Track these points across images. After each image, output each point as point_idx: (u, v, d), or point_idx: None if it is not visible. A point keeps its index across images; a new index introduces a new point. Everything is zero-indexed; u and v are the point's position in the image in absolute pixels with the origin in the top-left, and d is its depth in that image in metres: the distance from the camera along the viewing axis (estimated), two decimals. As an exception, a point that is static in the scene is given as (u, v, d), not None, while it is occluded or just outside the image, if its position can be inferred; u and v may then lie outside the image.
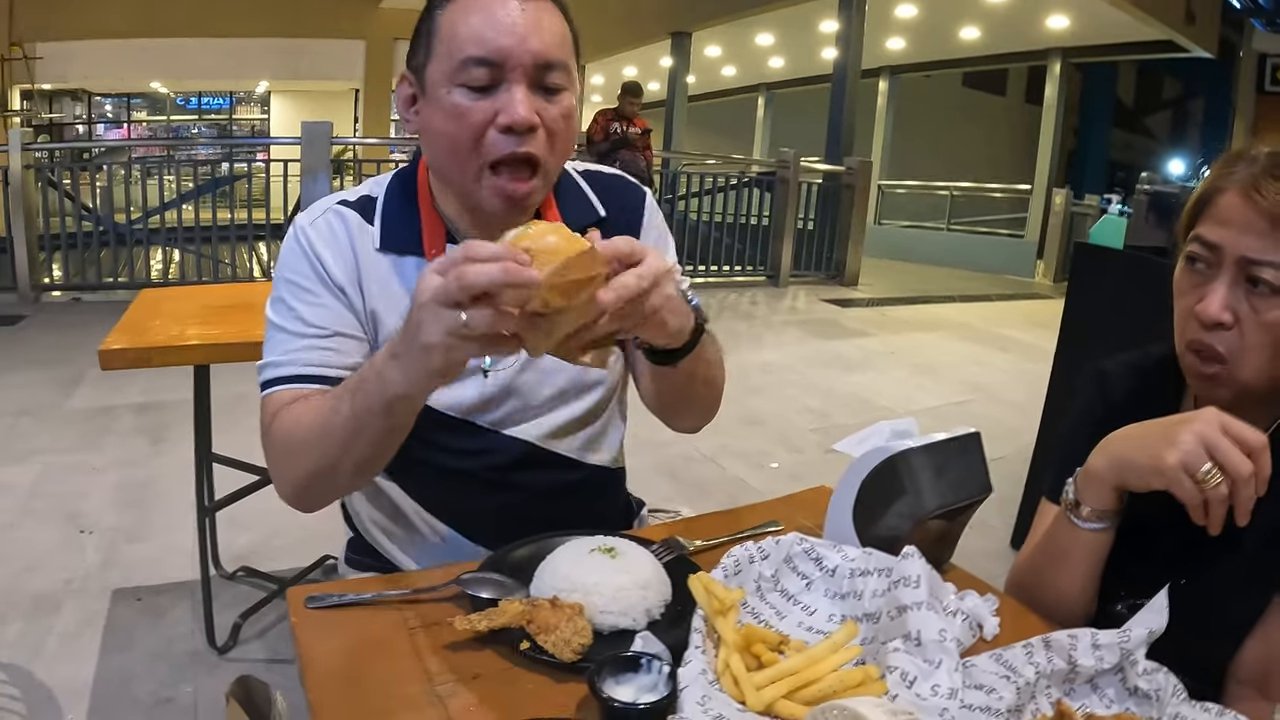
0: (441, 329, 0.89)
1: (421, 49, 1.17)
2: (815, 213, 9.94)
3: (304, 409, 1.15)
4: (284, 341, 1.21)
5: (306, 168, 7.19)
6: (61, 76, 17.73)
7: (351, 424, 1.06)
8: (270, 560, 3.02)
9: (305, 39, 18.96)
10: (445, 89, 1.12)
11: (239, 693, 1.27)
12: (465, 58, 1.10)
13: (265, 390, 1.21)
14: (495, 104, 1.12)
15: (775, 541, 1.08)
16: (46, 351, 5.52)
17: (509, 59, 1.11)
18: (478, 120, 1.12)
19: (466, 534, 1.33)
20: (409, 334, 0.94)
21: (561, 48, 1.15)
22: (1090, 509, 1.08)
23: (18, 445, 4.03)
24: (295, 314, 1.21)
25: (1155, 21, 12.35)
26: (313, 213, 1.27)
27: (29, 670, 2.43)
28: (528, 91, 1.12)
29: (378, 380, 1.01)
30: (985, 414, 5.13)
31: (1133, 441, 1.03)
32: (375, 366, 1.02)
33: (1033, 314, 8.85)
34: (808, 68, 17.00)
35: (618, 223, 1.35)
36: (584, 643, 0.91)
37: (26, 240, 6.83)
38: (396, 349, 0.98)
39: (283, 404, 1.18)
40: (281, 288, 1.23)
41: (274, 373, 1.20)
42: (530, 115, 1.11)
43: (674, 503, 1.71)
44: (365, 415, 1.05)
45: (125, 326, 2.36)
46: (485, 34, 1.10)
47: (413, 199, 1.27)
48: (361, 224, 1.25)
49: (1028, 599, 1.14)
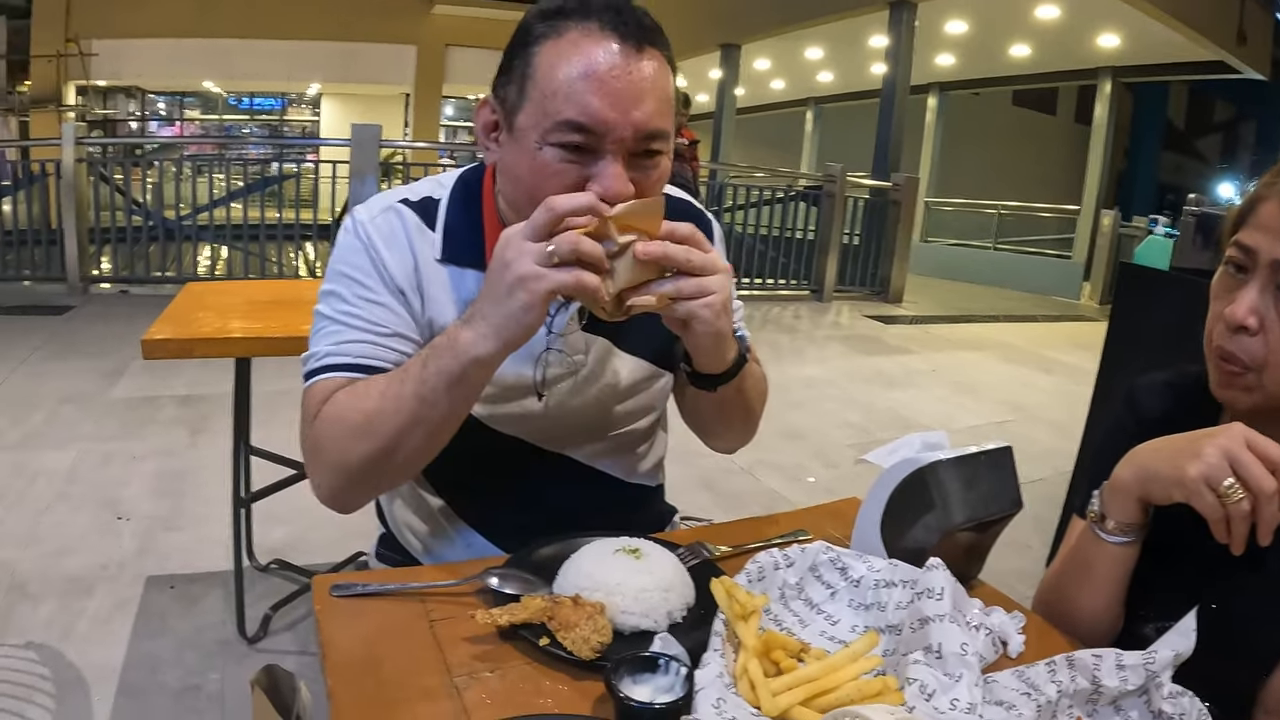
0: (529, 259, 0.96)
1: (514, 85, 1.10)
2: (861, 228, 9.89)
3: (360, 391, 1.12)
4: (335, 333, 1.18)
5: (355, 170, 7.27)
6: (116, 73, 18.10)
7: (415, 402, 1.06)
8: (304, 554, 3.04)
9: (357, 43, 19.19)
10: (537, 143, 1.07)
11: (264, 681, 1.28)
12: (563, 120, 1.05)
13: (311, 379, 1.17)
14: (587, 171, 1.06)
15: (801, 549, 1.07)
16: (93, 342, 5.63)
17: (610, 131, 1.05)
18: (569, 182, 1.06)
19: (503, 547, 1.30)
20: (495, 299, 0.99)
21: (663, 115, 1.09)
22: (1115, 522, 1.06)
23: (60, 432, 4.10)
24: (350, 309, 1.18)
25: (1207, 41, 12.19)
26: (371, 208, 1.23)
27: (59, 651, 2.47)
28: (624, 163, 1.07)
29: (450, 347, 1.03)
30: (1025, 434, 5.07)
31: (1157, 453, 1.02)
32: (447, 336, 1.05)
33: (1077, 336, 8.74)
34: (857, 83, 16.91)
35: None
36: (603, 641, 0.91)
37: (77, 232, 6.96)
38: (474, 313, 1.02)
39: (331, 390, 1.15)
40: (337, 281, 1.20)
41: (322, 362, 1.17)
42: (625, 190, 1.06)
43: (709, 513, 1.70)
44: (436, 383, 1.05)
45: (169, 318, 2.39)
46: (589, 100, 1.04)
47: (476, 207, 1.24)
48: (421, 228, 1.22)
49: (1052, 614, 1.12)
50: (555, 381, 1.26)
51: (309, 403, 1.17)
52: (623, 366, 1.31)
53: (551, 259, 0.96)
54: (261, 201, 8.19)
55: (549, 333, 1.24)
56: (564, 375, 1.27)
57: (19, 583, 2.79)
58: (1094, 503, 1.09)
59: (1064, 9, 12.00)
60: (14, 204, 7.51)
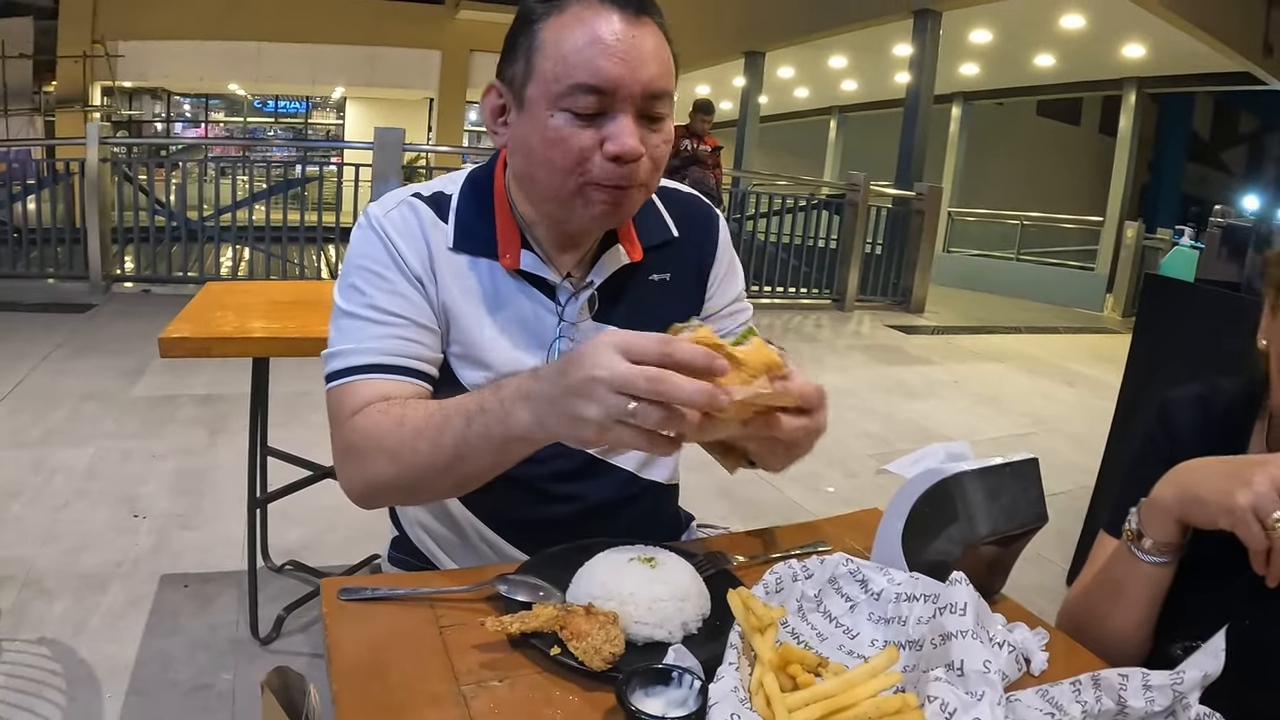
0: (604, 411, 0.87)
1: (519, 63, 1.14)
2: (884, 238, 9.83)
3: (403, 412, 1.10)
4: (358, 328, 1.18)
5: (378, 173, 7.30)
6: (142, 75, 18.26)
7: (459, 448, 1.03)
8: (319, 556, 3.04)
9: (382, 47, 19.32)
10: (548, 111, 1.10)
11: (274, 683, 1.26)
12: (574, 84, 1.08)
13: (339, 380, 1.17)
14: (601, 132, 1.10)
15: (820, 561, 1.05)
16: (114, 340, 5.66)
17: (619, 89, 1.09)
18: (582, 146, 1.10)
19: (514, 542, 1.32)
20: (560, 394, 0.91)
21: (667, 76, 1.13)
22: (1152, 541, 1.03)
23: (80, 429, 4.12)
24: (370, 301, 1.18)
25: (1233, 53, 12.06)
26: (385, 204, 1.25)
27: (72, 647, 2.47)
28: (634, 121, 1.11)
29: (501, 414, 0.98)
30: (1047, 447, 5.02)
31: (1203, 476, 0.99)
32: (501, 398, 0.99)
33: (1100, 348, 8.67)
34: (880, 91, 16.86)
35: (690, 244, 1.35)
36: (615, 652, 0.88)
37: (100, 231, 7.03)
38: (534, 392, 0.95)
39: (368, 398, 1.14)
40: (354, 275, 1.21)
41: (349, 361, 1.17)
42: (638, 146, 1.10)
43: (727, 522, 1.68)
44: (478, 443, 1.01)
45: (188, 316, 2.38)
46: (596, 61, 1.07)
47: (487, 202, 1.26)
48: (434, 220, 1.23)
49: (1080, 633, 1.10)
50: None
51: (340, 404, 1.16)
52: None
53: (629, 419, 0.86)
54: (284, 203, 8.22)
55: (560, 321, 1.25)
56: None
57: (35, 578, 2.80)
58: (1131, 520, 1.06)
59: (1089, 19, 11.92)
60: (38, 202, 7.56)
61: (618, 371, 0.85)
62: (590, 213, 1.15)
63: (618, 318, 1.27)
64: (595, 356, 0.87)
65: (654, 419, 0.85)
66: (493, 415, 0.99)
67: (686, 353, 0.85)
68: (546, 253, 1.25)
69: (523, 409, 0.96)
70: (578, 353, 0.89)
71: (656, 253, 1.31)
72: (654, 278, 1.31)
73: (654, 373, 0.84)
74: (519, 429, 0.97)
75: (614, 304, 1.28)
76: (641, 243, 1.30)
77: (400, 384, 1.17)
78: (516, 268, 1.23)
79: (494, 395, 1.00)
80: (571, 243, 1.26)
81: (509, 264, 1.22)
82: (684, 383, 0.84)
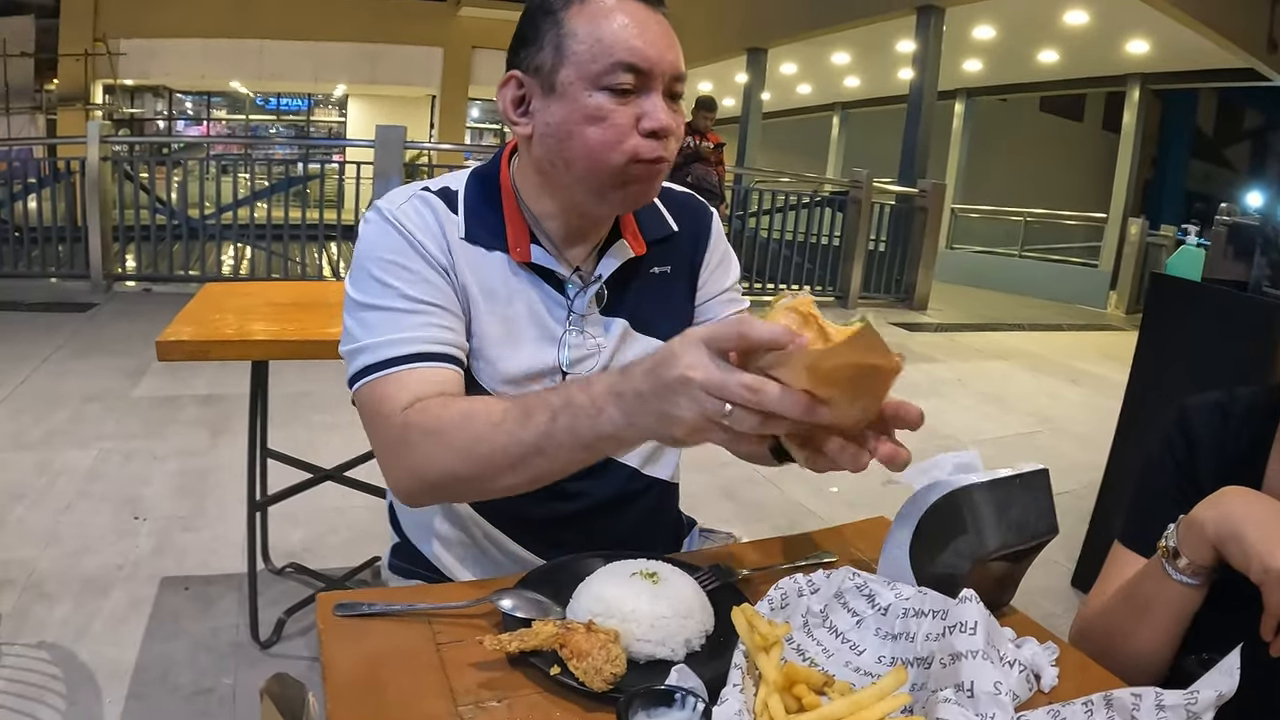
0: (698, 411, 0.85)
1: (545, 51, 1.17)
2: (887, 234, 9.80)
3: (470, 406, 1.08)
4: (390, 320, 1.16)
5: (380, 171, 7.29)
6: (144, 73, 18.25)
7: (541, 442, 0.99)
8: (321, 558, 3.03)
9: (384, 44, 19.30)
10: (586, 91, 1.14)
11: (274, 690, 1.25)
12: (615, 62, 1.13)
13: (376, 373, 1.15)
14: (636, 109, 1.15)
15: (826, 575, 1.03)
16: (116, 340, 5.65)
17: (654, 68, 1.15)
18: (622, 122, 1.15)
19: (520, 540, 1.32)
20: (652, 392, 0.89)
21: (682, 60, 1.20)
22: (1189, 562, 1.01)
23: (82, 430, 4.11)
24: (397, 291, 1.17)
25: (1237, 49, 12.01)
26: (395, 199, 1.24)
27: (72, 651, 2.46)
28: (664, 100, 1.17)
29: (592, 411, 0.95)
30: (1052, 447, 5.00)
31: (1255, 515, 0.96)
32: (592, 395, 0.95)
33: (1105, 346, 8.63)
34: (883, 88, 16.81)
35: (687, 238, 1.38)
36: (617, 672, 0.87)
37: (101, 230, 7.02)
38: (625, 390, 0.92)
39: (418, 390, 1.12)
40: (375, 268, 1.19)
41: (387, 353, 1.14)
42: (671, 121, 1.17)
43: (730, 524, 1.67)
44: (564, 438, 0.98)
45: (186, 318, 2.36)
46: (635, 42, 1.14)
47: (494, 199, 1.27)
48: (447, 212, 1.24)
49: (1098, 650, 1.07)
50: (576, 363, 1.27)
51: (383, 397, 1.14)
52: (640, 347, 1.33)
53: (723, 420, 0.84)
54: (286, 202, 8.21)
55: (569, 314, 1.27)
56: (585, 357, 1.28)
57: (36, 581, 2.79)
58: (1169, 537, 1.03)
59: (1093, 15, 11.87)
60: (39, 201, 7.56)
61: (712, 375, 0.83)
62: (626, 191, 1.19)
63: (624, 310, 1.31)
64: (686, 355, 0.85)
65: (749, 424, 0.83)
66: (582, 411, 0.96)
67: (762, 332, 0.82)
68: (555, 247, 1.26)
69: (614, 406, 0.93)
70: (669, 350, 0.88)
71: (657, 246, 1.34)
72: (655, 270, 1.34)
73: (750, 380, 0.82)
74: (609, 427, 0.94)
75: (620, 297, 1.30)
76: (644, 237, 1.33)
77: (446, 372, 1.16)
78: (528, 260, 1.24)
79: (583, 391, 0.97)
80: (581, 236, 1.28)
81: (519, 256, 1.23)
82: (779, 395, 0.81)
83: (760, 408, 0.81)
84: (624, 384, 0.93)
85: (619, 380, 0.94)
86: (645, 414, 0.90)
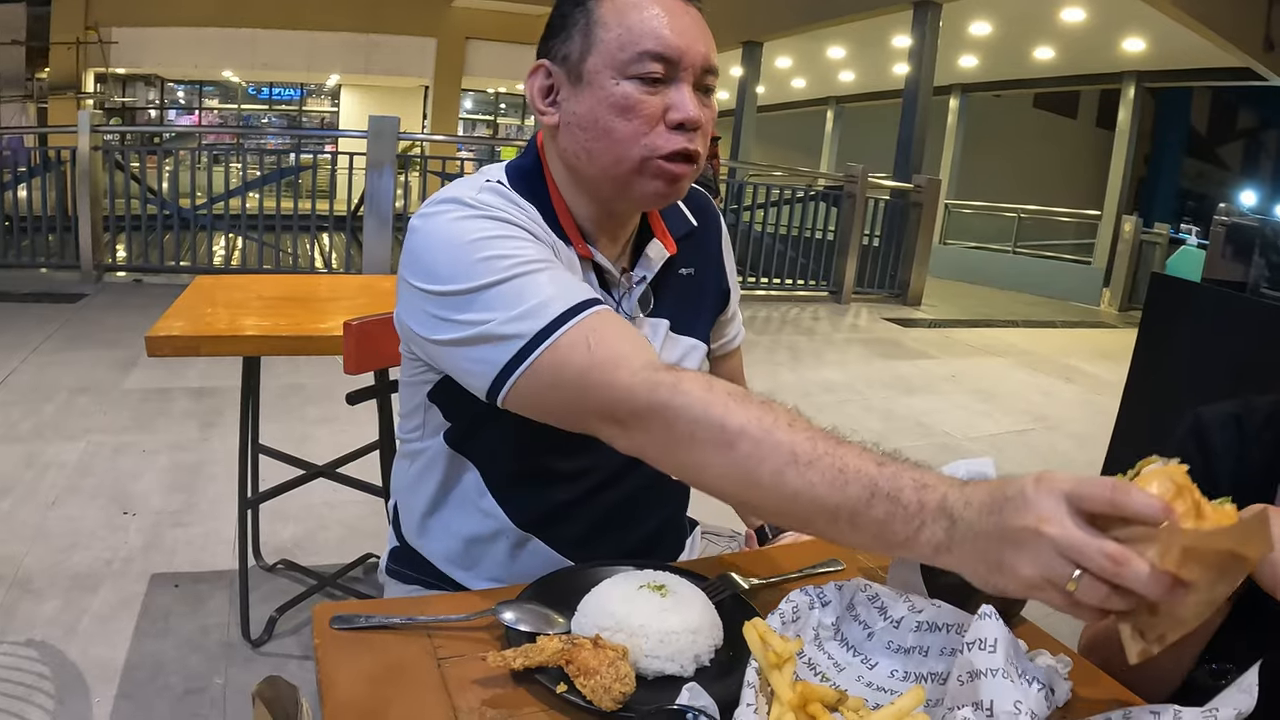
0: (1042, 571, 0.75)
1: (574, 40, 1.15)
2: (881, 229, 9.82)
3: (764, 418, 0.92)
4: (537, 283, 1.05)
5: (372, 162, 7.25)
6: (136, 61, 18.14)
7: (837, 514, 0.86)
8: (313, 554, 3.00)
9: (378, 34, 19.22)
10: (613, 79, 1.12)
11: (266, 693, 1.22)
12: (643, 51, 1.12)
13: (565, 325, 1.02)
14: (665, 100, 1.13)
15: (837, 587, 1.00)
16: (106, 331, 5.61)
17: (683, 58, 1.13)
18: (650, 113, 1.13)
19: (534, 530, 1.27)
20: (993, 534, 0.78)
21: (715, 53, 1.19)
22: None
23: (72, 423, 4.07)
24: (527, 256, 1.07)
25: (1233, 48, 12.03)
26: (465, 189, 1.14)
27: (61, 649, 2.43)
28: (693, 91, 1.15)
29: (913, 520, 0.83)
30: (1047, 445, 4.98)
31: None
32: (922, 500, 0.83)
33: (1098, 343, 8.64)
34: (878, 83, 16.82)
35: (706, 234, 1.39)
36: (626, 691, 0.84)
37: (91, 220, 6.97)
38: (961, 518, 0.80)
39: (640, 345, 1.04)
40: (484, 249, 1.06)
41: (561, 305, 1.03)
42: (700, 114, 1.14)
43: (724, 517, 1.64)
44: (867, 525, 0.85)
45: (176, 313, 2.33)
46: (663, 31, 1.12)
47: (541, 194, 1.20)
48: (521, 200, 1.17)
49: (1110, 664, 1.05)
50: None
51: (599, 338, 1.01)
52: (680, 349, 1.34)
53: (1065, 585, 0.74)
54: (278, 192, 8.16)
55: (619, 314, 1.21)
56: None
57: (24, 578, 2.75)
58: None
59: (1089, 12, 11.89)
60: (29, 190, 7.50)
61: (1073, 537, 0.73)
62: (650, 188, 1.16)
63: (665, 311, 1.31)
64: (1042, 504, 0.75)
65: (1098, 597, 0.73)
66: (902, 514, 0.83)
67: (1140, 503, 0.73)
68: (597, 244, 1.24)
69: (940, 529, 0.81)
70: (1019, 492, 0.76)
71: (682, 245, 1.32)
72: (683, 272, 1.34)
73: (1115, 551, 0.72)
74: (926, 547, 0.82)
75: (660, 298, 1.29)
76: (672, 235, 1.31)
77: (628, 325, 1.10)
78: (590, 256, 1.21)
79: (915, 491, 0.83)
80: (611, 233, 1.25)
81: (584, 252, 1.21)
82: (1148, 574, 0.71)
83: (1119, 582, 0.72)
84: (960, 507, 0.81)
85: (956, 497, 0.82)
86: (975, 554, 0.80)
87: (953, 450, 4.70)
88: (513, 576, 1.25)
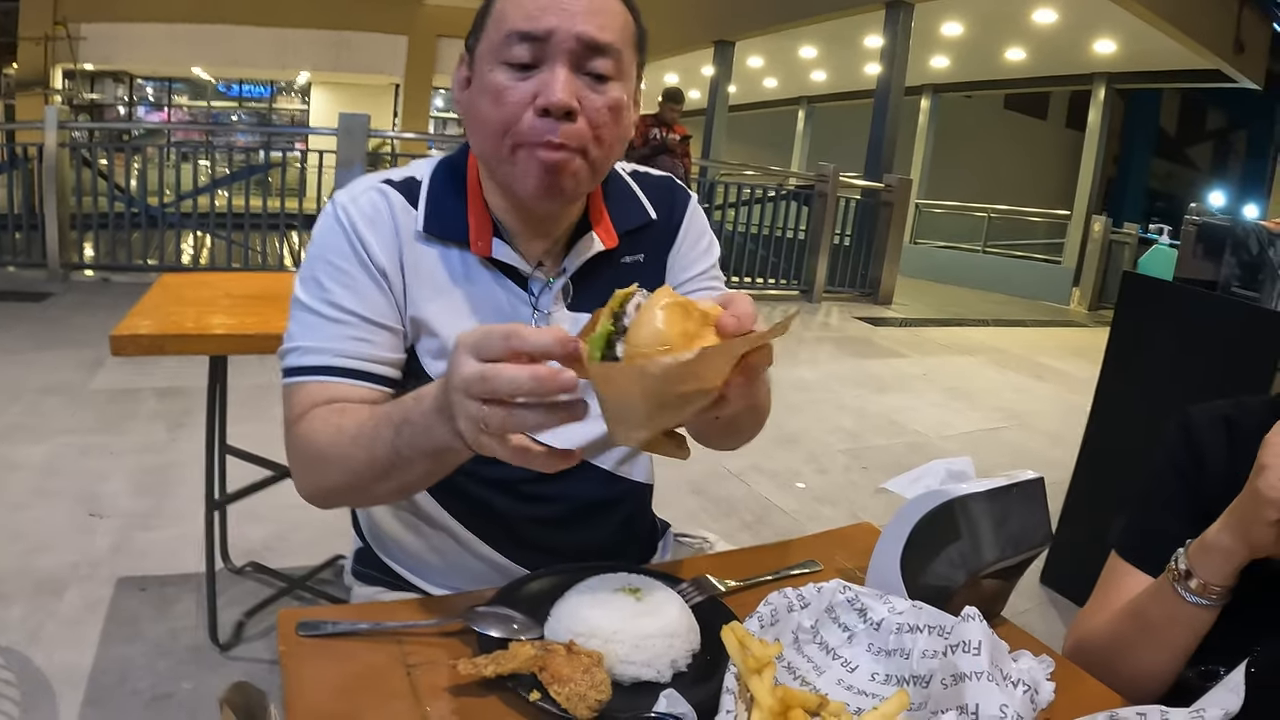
0: (466, 418, 0.81)
1: (479, 29, 1.12)
2: (852, 229, 9.85)
3: (341, 420, 1.05)
4: (314, 326, 1.12)
5: (343, 159, 7.20)
6: (105, 58, 17.95)
7: (393, 458, 0.97)
8: (282, 556, 2.96)
9: (348, 31, 19.13)
10: (489, 67, 1.07)
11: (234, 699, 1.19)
12: (510, 31, 1.04)
13: (291, 378, 1.12)
14: (536, 85, 1.05)
15: (817, 589, 0.98)
16: (73, 330, 5.53)
17: (553, 35, 1.04)
18: (516, 100, 1.05)
19: (494, 544, 1.25)
20: (447, 404, 0.85)
21: (615, 33, 1.07)
22: (1202, 582, 0.97)
23: (38, 424, 3.99)
24: (328, 297, 1.12)
25: (1204, 50, 12.17)
26: (353, 190, 1.18)
27: (27, 655, 2.37)
28: (570, 74, 1.05)
29: (424, 426, 0.91)
30: (1020, 442, 5.00)
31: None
32: (423, 410, 0.91)
33: (1068, 342, 8.71)
34: (850, 82, 16.87)
35: (664, 224, 1.30)
36: (601, 699, 0.81)
37: (58, 218, 6.87)
38: (441, 403, 0.88)
39: (313, 402, 1.09)
40: (316, 266, 1.14)
41: (302, 360, 1.11)
42: (569, 99, 1.04)
43: (699, 520, 1.62)
44: (409, 453, 0.95)
45: (142, 311, 2.28)
46: (532, 10, 1.04)
47: (460, 190, 1.19)
48: (405, 206, 1.16)
49: (1099, 668, 1.03)
50: None
51: (292, 403, 1.11)
52: None
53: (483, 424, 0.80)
54: (247, 190, 8.08)
55: (534, 311, 1.19)
56: None
57: (-12, 582, 2.70)
58: (1178, 559, 1.00)
59: (1061, 14, 11.97)
60: (-5, 187, 7.39)
61: (464, 372, 0.79)
62: (528, 180, 1.08)
63: (594, 304, 1.23)
64: (452, 360, 0.82)
65: (496, 422, 0.78)
66: (418, 427, 0.92)
67: (535, 338, 0.77)
68: (517, 241, 1.19)
69: (438, 423, 0.89)
70: (452, 359, 0.83)
71: (631, 236, 1.26)
72: (627, 259, 1.26)
73: (486, 369, 0.77)
74: (442, 440, 0.90)
75: (590, 291, 1.22)
76: (618, 229, 1.24)
77: (350, 388, 1.11)
78: (488, 255, 1.16)
79: (416, 405, 0.93)
80: (537, 228, 1.19)
81: (480, 250, 1.16)
82: (511, 372, 0.76)
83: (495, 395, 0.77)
84: (441, 396, 0.88)
85: (440, 392, 0.88)
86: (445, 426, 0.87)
87: (926, 448, 4.73)
88: (470, 581, 1.23)
